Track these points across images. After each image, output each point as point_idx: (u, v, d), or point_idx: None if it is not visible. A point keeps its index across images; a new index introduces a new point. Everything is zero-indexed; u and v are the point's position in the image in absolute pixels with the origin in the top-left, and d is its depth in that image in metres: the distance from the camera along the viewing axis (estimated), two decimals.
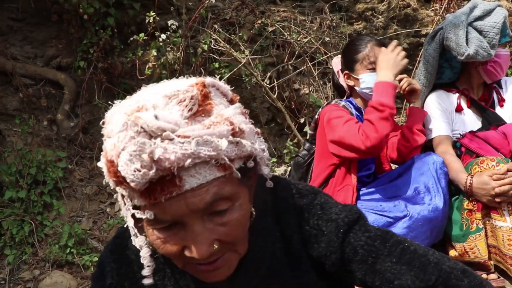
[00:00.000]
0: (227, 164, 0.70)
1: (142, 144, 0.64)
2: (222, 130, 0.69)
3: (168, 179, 0.66)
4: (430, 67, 2.24)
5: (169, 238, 0.73)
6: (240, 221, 0.75)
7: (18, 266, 2.62)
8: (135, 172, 0.64)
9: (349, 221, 0.89)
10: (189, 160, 0.66)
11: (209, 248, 0.71)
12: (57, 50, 3.28)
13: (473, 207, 1.89)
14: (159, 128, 0.65)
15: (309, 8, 3.90)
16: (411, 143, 2.01)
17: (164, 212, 0.69)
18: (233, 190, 0.73)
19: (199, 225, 0.71)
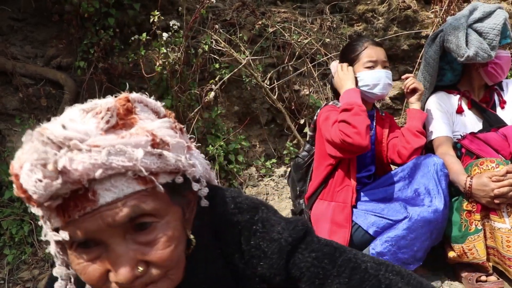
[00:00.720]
0: (148, 178, 0.65)
1: (44, 153, 0.59)
2: (139, 140, 0.65)
3: (81, 193, 0.62)
4: (431, 69, 2.25)
5: (90, 262, 0.67)
6: (167, 241, 0.68)
7: (17, 266, 2.62)
8: (37, 182, 0.59)
9: (293, 240, 0.83)
10: (99, 171, 0.61)
11: (133, 270, 0.65)
12: (58, 50, 3.28)
13: (472, 208, 1.89)
14: (66, 137, 0.60)
15: (310, 9, 3.91)
16: (411, 144, 2.02)
17: (79, 229, 0.64)
18: (157, 206, 0.68)
19: (121, 245, 0.66)
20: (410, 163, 1.99)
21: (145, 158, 0.65)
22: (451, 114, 2.23)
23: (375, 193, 2.06)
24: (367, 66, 2.03)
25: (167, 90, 3.15)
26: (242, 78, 3.35)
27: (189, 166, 0.74)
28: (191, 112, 3.15)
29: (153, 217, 0.68)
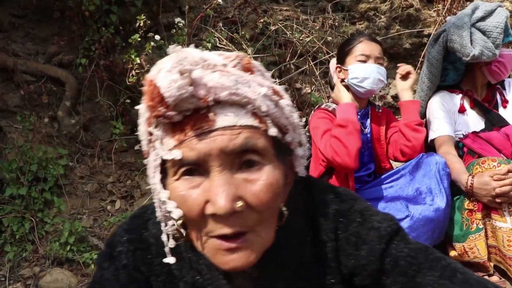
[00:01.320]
0: (263, 118, 0.69)
1: (182, 61, 0.63)
2: (263, 82, 0.70)
3: (202, 113, 0.66)
4: (434, 69, 2.24)
5: (191, 191, 0.68)
6: (270, 185, 0.69)
7: (18, 263, 2.62)
8: (172, 83, 0.62)
9: (392, 231, 0.84)
10: (225, 92, 0.65)
11: (232, 202, 0.65)
12: (59, 47, 3.27)
13: (473, 207, 1.89)
14: (202, 58, 0.66)
15: (312, 8, 3.90)
16: (413, 142, 2.00)
17: (192, 149, 0.66)
18: (267, 147, 0.70)
19: (225, 176, 0.67)
20: (413, 161, 1.98)
21: (265, 100, 0.69)
22: (453, 113, 2.22)
23: (376, 192, 2.05)
24: (359, 60, 2.01)
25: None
26: None
27: (298, 127, 0.77)
28: None
29: (261, 158, 0.69)
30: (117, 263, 0.87)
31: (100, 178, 3.15)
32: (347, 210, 0.86)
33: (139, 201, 3.02)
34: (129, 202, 3.08)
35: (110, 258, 0.88)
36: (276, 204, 0.73)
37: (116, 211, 3.01)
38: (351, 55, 2.04)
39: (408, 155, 2.02)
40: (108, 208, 3.02)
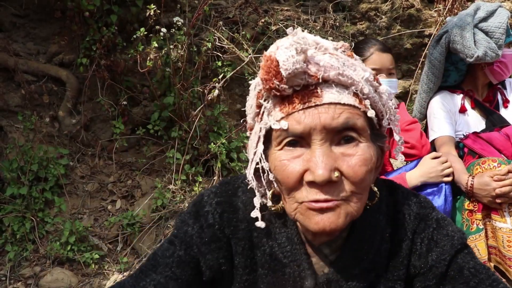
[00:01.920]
0: (364, 101, 0.76)
1: (300, 39, 0.70)
2: (366, 68, 0.78)
3: (311, 89, 0.73)
4: (436, 71, 2.23)
5: (293, 159, 0.75)
6: (365, 160, 0.76)
7: (19, 262, 2.62)
8: (289, 58, 0.69)
9: (463, 243, 0.89)
10: (333, 72, 0.73)
11: (330, 172, 0.72)
12: (60, 47, 3.27)
13: (473, 207, 1.89)
14: (316, 41, 0.75)
15: (313, 8, 3.90)
16: (411, 142, 2.02)
17: (298, 122, 0.73)
18: (365, 127, 0.76)
19: (325, 148, 0.73)
20: (414, 161, 1.98)
21: (367, 84, 0.76)
22: (454, 113, 2.22)
23: None
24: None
25: (170, 87, 3.14)
26: (245, 75, 3.34)
27: (393, 115, 0.84)
28: (194, 110, 3.14)
29: (358, 135, 0.76)
30: (202, 221, 0.92)
31: (101, 177, 3.15)
32: (426, 215, 0.92)
33: (140, 200, 3.02)
34: (129, 202, 3.08)
35: (196, 216, 0.93)
36: (368, 179, 0.78)
37: (116, 211, 3.01)
38: None
39: (413, 155, 2.02)
40: (109, 207, 3.02)
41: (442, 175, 1.88)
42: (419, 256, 0.89)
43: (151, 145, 3.25)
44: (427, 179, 1.88)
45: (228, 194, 0.94)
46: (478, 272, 0.85)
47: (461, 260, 0.87)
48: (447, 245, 0.87)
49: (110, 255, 2.75)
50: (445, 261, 0.86)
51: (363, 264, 0.87)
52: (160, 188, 2.98)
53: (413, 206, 0.92)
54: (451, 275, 0.86)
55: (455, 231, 0.90)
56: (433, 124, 2.20)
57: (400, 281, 0.89)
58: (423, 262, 0.88)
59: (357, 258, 0.87)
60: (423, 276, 0.88)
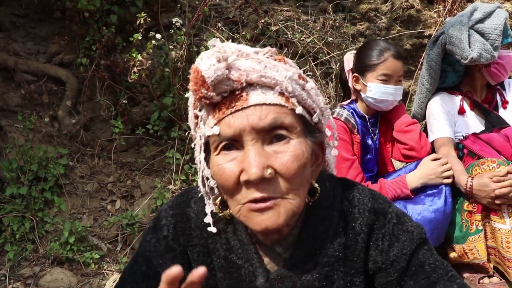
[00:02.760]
0: (290, 99, 0.79)
1: (220, 49, 0.75)
2: (290, 68, 0.81)
3: (237, 93, 0.77)
4: (433, 72, 2.24)
5: (228, 163, 0.79)
6: (297, 155, 0.78)
7: (18, 262, 2.62)
8: (210, 66, 0.73)
9: (422, 238, 0.92)
10: (256, 75, 0.76)
11: (262, 169, 0.75)
12: (60, 46, 3.27)
13: (473, 208, 1.89)
14: (237, 49, 0.79)
15: (312, 8, 3.90)
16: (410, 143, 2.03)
17: (229, 125, 0.77)
18: (294, 124, 0.79)
19: (256, 148, 0.77)
20: (415, 162, 1.99)
21: (291, 83, 0.79)
22: (453, 115, 2.22)
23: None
24: (380, 79, 1.95)
25: (169, 87, 3.14)
26: None
27: (325, 110, 0.87)
28: None
29: (289, 133, 0.79)
30: (159, 234, 0.97)
31: (100, 177, 3.15)
32: (383, 209, 0.94)
33: (139, 201, 3.02)
34: (129, 202, 3.08)
35: (154, 231, 0.99)
36: (303, 174, 0.81)
37: (116, 210, 3.01)
38: (374, 71, 1.97)
39: (413, 157, 2.03)
40: (108, 207, 3.02)
41: (442, 176, 1.88)
42: (380, 252, 0.91)
43: (151, 145, 3.25)
44: (427, 181, 1.89)
45: (181, 206, 0.99)
46: (437, 268, 0.89)
47: (422, 256, 0.90)
48: (408, 240, 0.90)
49: (109, 255, 2.75)
50: (406, 255, 0.89)
51: (316, 258, 0.89)
52: (159, 188, 2.98)
53: (367, 201, 0.94)
54: (412, 270, 0.89)
55: (414, 226, 0.93)
56: (432, 126, 2.20)
57: (358, 274, 0.92)
58: (385, 257, 0.91)
59: (309, 254, 0.89)
60: (385, 272, 0.91)
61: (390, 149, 2.18)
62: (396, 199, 1.91)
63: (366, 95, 2.00)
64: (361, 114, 2.08)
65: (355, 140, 2.00)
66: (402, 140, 2.05)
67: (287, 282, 0.88)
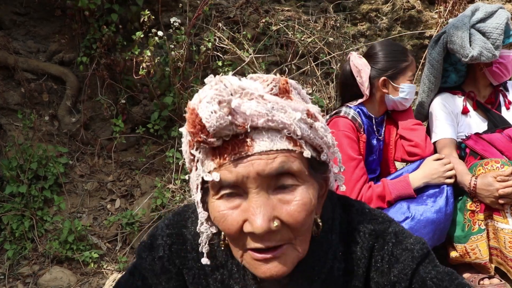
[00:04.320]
0: (299, 141, 0.73)
1: (222, 92, 0.68)
2: (298, 106, 0.74)
3: (240, 138, 0.70)
4: (435, 71, 2.24)
5: (231, 211, 0.73)
6: (304, 205, 0.73)
7: (17, 261, 2.61)
8: (212, 113, 0.67)
9: (423, 254, 0.88)
10: (262, 120, 0.69)
11: (268, 222, 0.70)
12: (60, 45, 3.27)
13: (475, 208, 1.89)
14: (241, 86, 0.71)
15: (313, 8, 3.90)
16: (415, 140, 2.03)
17: (230, 171, 0.71)
18: (302, 170, 0.74)
19: (262, 197, 0.71)
20: (417, 162, 1.99)
21: (300, 124, 0.72)
22: (456, 115, 2.22)
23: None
24: (409, 80, 2.04)
25: (169, 87, 3.14)
26: (245, 76, 3.33)
27: (333, 147, 0.81)
28: None
29: (296, 180, 0.73)
30: (154, 254, 0.95)
31: (100, 176, 3.14)
32: (383, 231, 0.90)
33: (139, 200, 3.02)
34: (129, 201, 3.08)
35: (150, 249, 0.96)
36: (310, 220, 0.77)
37: (116, 210, 3.00)
38: (404, 74, 2.03)
39: (416, 154, 2.03)
40: (108, 207, 3.02)
41: (444, 176, 1.88)
42: (381, 274, 0.89)
43: (151, 144, 3.24)
44: (430, 180, 1.89)
45: (178, 226, 0.96)
46: (440, 281, 0.85)
47: (423, 272, 0.87)
48: (408, 259, 0.87)
49: (109, 254, 2.74)
50: (406, 276, 0.86)
51: (316, 284, 0.86)
52: (159, 187, 2.98)
53: (368, 223, 0.91)
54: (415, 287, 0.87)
55: (415, 243, 0.89)
56: (434, 126, 2.20)
57: None
58: (386, 279, 0.88)
59: (308, 279, 0.86)
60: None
61: (393, 151, 2.18)
62: (399, 198, 1.91)
63: (397, 97, 2.03)
64: (368, 114, 2.08)
65: (361, 139, 2.00)
66: (407, 137, 2.05)
67: None
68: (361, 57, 2.10)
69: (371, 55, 2.09)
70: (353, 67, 2.07)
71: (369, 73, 2.03)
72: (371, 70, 2.04)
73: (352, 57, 2.09)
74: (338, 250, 0.89)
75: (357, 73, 2.06)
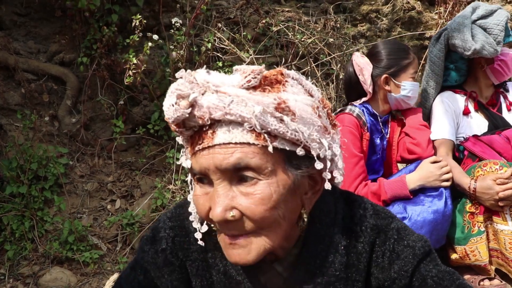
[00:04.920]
0: (263, 135, 0.72)
1: (182, 86, 0.72)
2: (263, 100, 0.73)
3: (204, 129, 0.74)
4: (436, 68, 2.25)
5: (202, 197, 0.78)
6: (263, 199, 0.74)
7: (18, 261, 2.61)
8: (170, 106, 0.71)
9: (424, 251, 0.89)
10: (220, 113, 0.71)
11: (225, 212, 0.73)
12: (60, 45, 3.27)
13: (475, 210, 1.89)
14: (205, 80, 0.73)
15: (314, 9, 3.90)
16: (418, 139, 2.03)
17: (196, 161, 0.76)
18: (264, 165, 0.74)
19: (223, 188, 0.74)
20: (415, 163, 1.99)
21: (265, 117, 0.72)
22: (457, 115, 2.22)
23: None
24: (411, 77, 2.04)
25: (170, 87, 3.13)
26: None
27: (312, 142, 0.77)
28: None
29: (256, 174, 0.74)
30: (157, 246, 0.96)
31: (100, 177, 3.14)
32: (385, 226, 0.91)
33: (139, 200, 3.02)
34: (129, 202, 3.08)
35: (152, 242, 0.97)
36: (273, 215, 0.76)
37: (116, 210, 3.00)
38: (406, 72, 2.04)
39: (415, 153, 2.03)
40: (108, 207, 3.02)
41: (441, 180, 1.88)
42: (382, 269, 0.90)
43: (151, 145, 3.24)
44: (426, 183, 1.89)
45: (181, 218, 0.97)
46: (441, 280, 0.86)
47: (424, 270, 0.88)
48: (409, 256, 0.88)
49: (109, 255, 2.74)
50: (407, 272, 0.87)
51: (317, 278, 0.87)
52: (160, 188, 2.98)
53: (370, 218, 0.92)
54: (415, 285, 0.87)
55: (417, 241, 0.90)
56: (434, 124, 2.20)
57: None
58: (386, 275, 0.89)
59: (309, 273, 0.87)
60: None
61: (396, 151, 2.18)
62: (394, 199, 1.91)
63: (399, 95, 2.02)
64: (373, 112, 2.08)
65: (365, 137, 2.00)
66: (411, 134, 2.06)
67: None
68: (364, 56, 2.11)
69: (373, 53, 2.11)
70: (355, 66, 2.09)
71: (371, 71, 2.04)
72: (373, 68, 2.05)
73: (355, 56, 2.11)
74: (340, 244, 0.89)
75: (360, 72, 2.07)
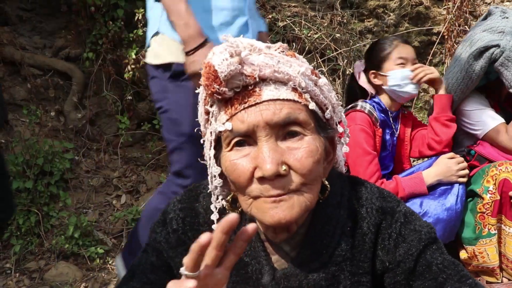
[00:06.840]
0: (304, 94, 0.78)
1: (233, 43, 0.75)
2: (303, 63, 0.81)
3: (250, 89, 0.76)
4: (471, 83, 2.07)
5: (241, 159, 0.78)
6: (311, 151, 0.78)
7: (24, 256, 2.63)
8: (223, 61, 0.73)
9: (430, 237, 0.90)
10: (269, 70, 0.76)
11: (277, 166, 0.74)
12: (66, 41, 3.27)
13: (486, 210, 1.86)
14: (250, 43, 0.78)
15: (320, 4, 3.87)
16: (441, 137, 1.98)
17: (242, 121, 0.76)
18: (308, 120, 0.78)
19: (270, 145, 0.76)
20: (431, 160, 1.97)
21: (304, 79, 0.78)
22: None
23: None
24: (398, 63, 1.97)
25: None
26: None
27: (337, 106, 0.85)
28: None
29: (303, 129, 0.78)
30: (168, 227, 0.97)
31: (106, 172, 3.15)
32: (391, 208, 0.92)
33: (145, 196, 3.02)
34: (134, 197, 3.08)
35: (163, 224, 0.99)
36: (317, 170, 0.80)
37: (121, 205, 3.01)
38: (389, 60, 1.99)
39: (435, 149, 2.00)
40: (114, 202, 3.02)
41: (457, 175, 1.88)
42: (387, 252, 0.90)
43: (157, 140, 3.24)
44: (443, 178, 1.89)
45: (190, 200, 0.99)
46: (446, 268, 0.87)
47: (430, 256, 0.88)
48: (415, 240, 0.88)
49: (114, 250, 2.75)
50: (412, 256, 0.87)
51: (323, 258, 0.88)
52: None
53: (375, 200, 0.93)
54: (419, 270, 0.87)
55: (423, 226, 0.91)
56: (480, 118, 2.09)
57: (365, 274, 0.90)
58: (391, 257, 0.89)
59: (316, 252, 0.89)
60: (392, 272, 0.90)
61: (408, 147, 2.16)
62: (412, 196, 1.90)
63: (389, 86, 1.98)
64: (384, 107, 2.06)
65: (377, 133, 1.99)
66: (436, 129, 1.99)
67: (293, 280, 0.88)
68: (361, 61, 2.17)
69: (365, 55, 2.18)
70: (355, 73, 2.15)
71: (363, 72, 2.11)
72: (364, 70, 2.12)
73: (355, 64, 2.18)
74: (346, 225, 0.90)
75: (358, 76, 2.11)
